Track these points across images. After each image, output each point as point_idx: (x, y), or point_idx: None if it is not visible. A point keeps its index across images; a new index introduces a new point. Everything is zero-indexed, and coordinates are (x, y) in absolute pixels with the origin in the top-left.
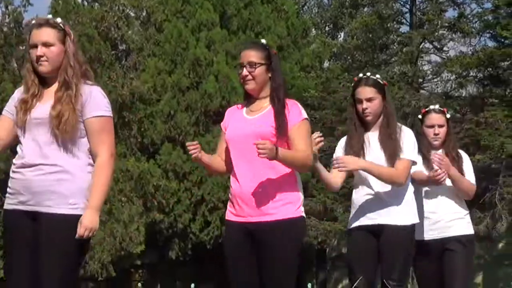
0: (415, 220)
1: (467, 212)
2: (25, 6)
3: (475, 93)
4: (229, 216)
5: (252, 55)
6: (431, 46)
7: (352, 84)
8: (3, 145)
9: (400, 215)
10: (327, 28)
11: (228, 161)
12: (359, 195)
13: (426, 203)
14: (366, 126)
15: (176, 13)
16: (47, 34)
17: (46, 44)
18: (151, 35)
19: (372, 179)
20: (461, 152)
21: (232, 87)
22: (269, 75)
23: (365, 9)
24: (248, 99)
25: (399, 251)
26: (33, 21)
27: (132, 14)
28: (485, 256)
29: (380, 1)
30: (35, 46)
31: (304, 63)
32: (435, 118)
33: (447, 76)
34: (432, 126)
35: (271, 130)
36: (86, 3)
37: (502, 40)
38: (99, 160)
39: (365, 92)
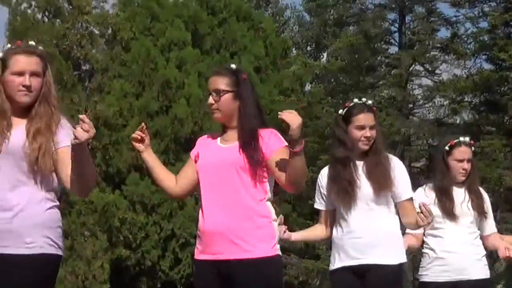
0: (403, 259)
1: (485, 253)
2: None
3: (470, 120)
4: (197, 254)
5: (219, 82)
6: (422, 69)
7: (347, 109)
8: None
9: (386, 254)
10: (308, 48)
11: (187, 188)
12: (340, 233)
13: (440, 241)
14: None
15: (144, 30)
16: (36, 63)
17: (35, 74)
18: (117, 54)
19: (353, 216)
20: (481, 189)
21: (205, 112)
22: (237, 103)
23: (350, 27)
24: (224, 128)
25: None
26: (18, 46)
27: (97, 32)
28: None
29: (366, 19)
30: (21, 74)
31: (283, 86)
32: (465, 151)
33: (440, 101)
34: (462, 161)
35: (245, 160)
36: (46, 20)
37: (500, 62)
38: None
39: (369, 119)
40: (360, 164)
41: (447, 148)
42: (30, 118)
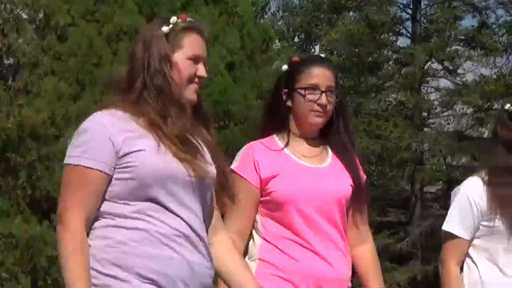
0: None
1: None
2: None
3: None
4: None
5: (332, 77)
6: (440, 67)
7: None
8: None
9: None
10: (296, 39)
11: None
12: (501, 276)
13: None
14: None
15: (86, 14)
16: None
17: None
18: (49, 45)
19: None
20: None
21: None
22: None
23: (350, 13)
24: (281, 136)
25: None
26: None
27: (24, 16)
28: None
29: (371, 3)
30: (196, 60)
31: (263, 87)
32: None
33: (462, 109)
34: None
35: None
36: None
37: None
38: None
39: None
40: None
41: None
42: None
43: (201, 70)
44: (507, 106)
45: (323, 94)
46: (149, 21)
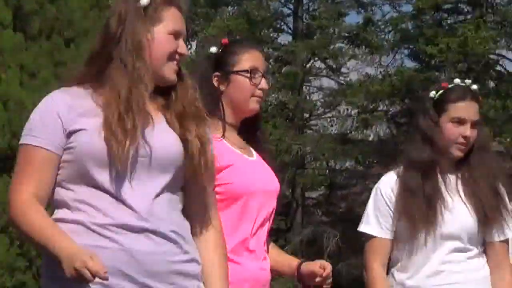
0: None
1: None
2: None
3: (386, 135)
4: None
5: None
6: (323, 66)
7: (442, 91)
8: None
9: None
10: None
11: None
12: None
13: None
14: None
15: None
16: None
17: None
18: None
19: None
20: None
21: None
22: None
23: (229, 8)
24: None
25: None
26: None
27: None
28: None
29: None
30: (177, 36)
31: None
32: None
33: (346, 110)
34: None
35: None
36: None
37: (426, 59)
38: None
39: (471, 110)
40: (452, 178)
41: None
42: None
43: (182, 47)
44: (432, 93)
45: (264, 78)
46: (15, 15)
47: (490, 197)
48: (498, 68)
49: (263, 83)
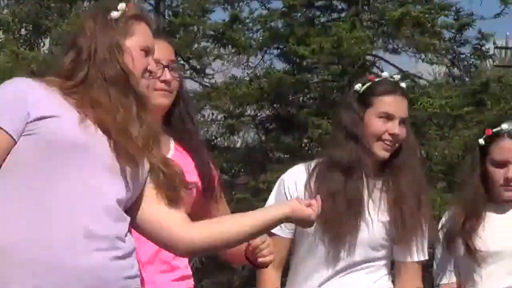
0: None
1: None
2: None
3: (254, 142)
4: None
5: (171, 51)
6: (186, 66)
7: (369, 84)
8: None
9: None
10: (24, 32)
11: None
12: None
13: None
14: None
15: None
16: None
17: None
18: None
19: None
20: None
21: None
22: None
23: (85, 3)
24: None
25: None
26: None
27: None
28: None
29: None
30: (147, 53)
31: None
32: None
33: (212, 115)
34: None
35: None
36: None
37: (298, 60)
38: None
39: (401, 106)
40: (377, 183)
41: (360, 88)
42: None
43: (153, 65)
44: (357, 86)
45: (166, 69)
46: None
47: (413, 211)
48: (375, 70)
49: (167, 74)
